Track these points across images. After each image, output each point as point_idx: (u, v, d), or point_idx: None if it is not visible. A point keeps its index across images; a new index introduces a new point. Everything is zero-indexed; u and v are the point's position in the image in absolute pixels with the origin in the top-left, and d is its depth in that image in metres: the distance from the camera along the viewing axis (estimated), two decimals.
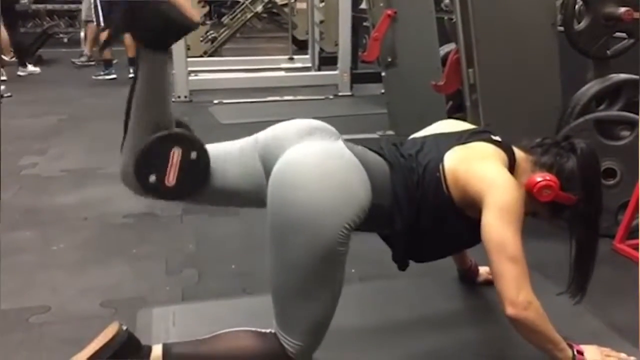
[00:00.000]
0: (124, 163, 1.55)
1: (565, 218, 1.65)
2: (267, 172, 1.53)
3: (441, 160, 1.57)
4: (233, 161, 1.60)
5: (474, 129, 1.74)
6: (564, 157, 1.61)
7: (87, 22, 7.00)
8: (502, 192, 1.47)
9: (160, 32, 1.44)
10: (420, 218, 1.56)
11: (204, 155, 1.54)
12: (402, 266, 1.68)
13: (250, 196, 1.60)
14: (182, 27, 1.45)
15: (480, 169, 1.54)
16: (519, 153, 1.65)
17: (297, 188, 1.43)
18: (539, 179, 1.57)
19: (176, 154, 1.50)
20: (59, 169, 3.51)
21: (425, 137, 1.72)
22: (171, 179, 1.49)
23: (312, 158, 1.49)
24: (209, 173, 1.55)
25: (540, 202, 1.58)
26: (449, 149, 1.60)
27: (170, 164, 1.49)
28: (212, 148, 1.59)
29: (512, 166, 1.61)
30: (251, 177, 1.59)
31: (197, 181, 1.55)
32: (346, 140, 1.62)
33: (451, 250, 1.82)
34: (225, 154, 1.62)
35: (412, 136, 1.78)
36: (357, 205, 1.45)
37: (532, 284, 1.45)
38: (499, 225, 1.44)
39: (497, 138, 1.66)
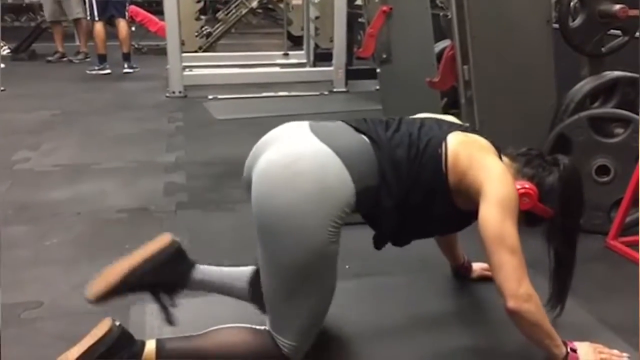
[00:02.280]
0: None
1: (543, 230, 1.64)
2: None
3: (444, 139, 1.56)
4: None
5: (466, 125, 1.74)
6: (546, 170, 1.62)
7: (77, 19, 6.94)
8: (501, 184, 1.48)
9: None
10: (410, 193, 1.53)
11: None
12: (380, 245, 1.66)
13: None
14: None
15: (483, 158, 1.54)
16: (504, 158, 1.64)
17: (272, 197, 1.44)
18: (518, 187, 1.56)
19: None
20: (52, 164, 3.49)
21: (425, 117, 1.71)
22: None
23: (278, 164, 1.48)
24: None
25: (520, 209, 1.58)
26: (452, 131, 1.59)
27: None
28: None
29: None
30: None
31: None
32: (322, 123, 1.60)
33: (430, 232, 1.79)
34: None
35: (408, 117, 1.74)
36: (337, 199, 1.44)
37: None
38: (497, 218, 1.44)
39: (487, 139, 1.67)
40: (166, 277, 1.60)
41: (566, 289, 1.65)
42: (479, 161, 1.52)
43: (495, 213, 1.44)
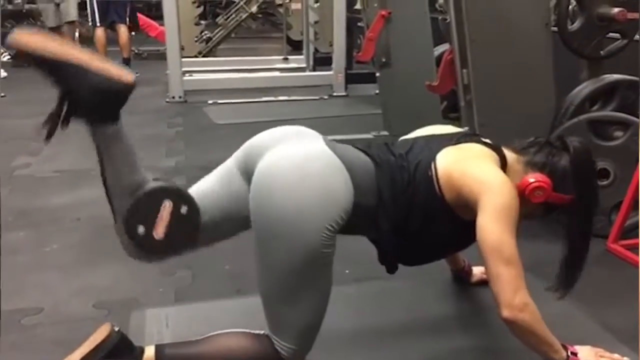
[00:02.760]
0: (118, 233, 1.52)
1: (560, 217, 1.64)
2: (249, 180, 1.53)
3: (433, 159, 1.56)
4: (214, 189, 1.59)
5: (462, 131, 1.74)
6: (556, 156, 1.60)
7: (68, 22, 6.93)
8: (497, 193, 1.46)
9: (100, 107, 1.42)
10: (409, 219, 1.54)
11: (194, 210, 1.48)
12: (391, 269, 1.67)
13: (240, 217, 1.55)
14: (118, 93, 1.43)
15: (476, 169, 1.53)
16: (509, 154, 1.63)
17: (276, 191, 1.43)
18: (531, 180, 1.56)
19: (167, 207, 1.46)
20: (52, 169, 3.49)
21: (416, 138, 1.71)
22: (160, 232, 1.44)
23: (289, 160, 1.47)
24: (199, 230, 1.51)
25: (533, 202, 1.58)
26: (440, 149, 1.59)
27: (160, 216, 1.45)
28: (195, 188, 1.58)
29: (503, 168, 1.59)
30: (237, 198, 1.57)
31: (187, 237, 1.51)
32: (332, 140, 1.61)
33: (441, 254, 1.79)
34: (205, 184, 1.61)
35: (402, 138, 1.77)
36: (338, 206, 1.44)
37: (526, 284, 1.45)
38: (495, 228, 1.43)
39: (487, 140, 1.66)
40: None
41: (578, 273, 1.61)
42: (472, 174, 1.51)
43: (493, 224, 1.43)
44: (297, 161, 1.47)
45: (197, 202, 1.49)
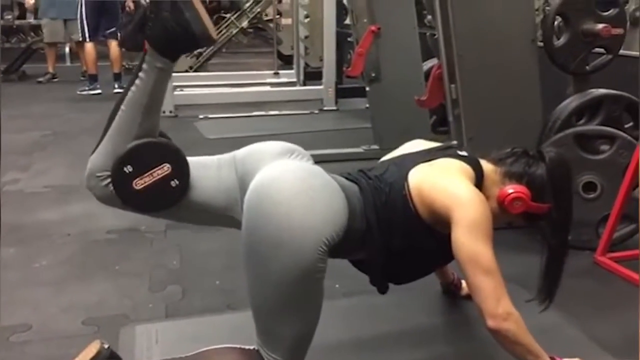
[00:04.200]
0: (94, 165, 1.53)
1: (540, 226, 1.65)
2: (243, 188, 1.53)
3: (405, 179, 1.58)
4: (210, 176, 1.60)
5: (439, 145, 1.75)
6: (533, 166, 1.62)
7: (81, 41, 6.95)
8: (468, 207, 1.48)
9: (176, 40, 1.44)
10: (392, 239, 1.56)
11: (182, 190, 1.53)
12: (382, 289, 1.68)
13: (219, 212, 1.60)
14: (199, 39, 1.46)
15: (445, 185, 1.54)
16: (487, 165, 1.65)
17: (281, 203, 1.42)
18: (509, 191, 1.58)
19: (163, 170, 1.48)
20: (42, 185, 3.48)
21: (391, 159, 1.73)
22: (140, 184, 1.47)
23: (294, 174, 1.49)
24: (172, 205, 1.55)
25: (513, 213, 1.59)
26: (413, 167, 1.60)
27: (151, 171, 1.47)
28: (190, 160, 1.59)
29: (479, 180, 1.61)
30: (225, 193, 1.59)
31: (158, 205, 1.55)
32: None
33: (428, 269, 1.79)
34: (203, 167, 1.62)
35: (380, 160, 1.79)
36: (336, 223, 1.45)
37: (511, 296, 1.46)
38: (469, 241, 1.45)
39: (463, 153, 1.68)
40: None
41: (556, 284, 1.62)
42: (443, 189, 1.53)
43: (467, 236, 1.45)
44: (301, 174, 1.49)
45: (189, 184, 1.52)
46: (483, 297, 1.43)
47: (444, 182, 1.55)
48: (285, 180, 1.47)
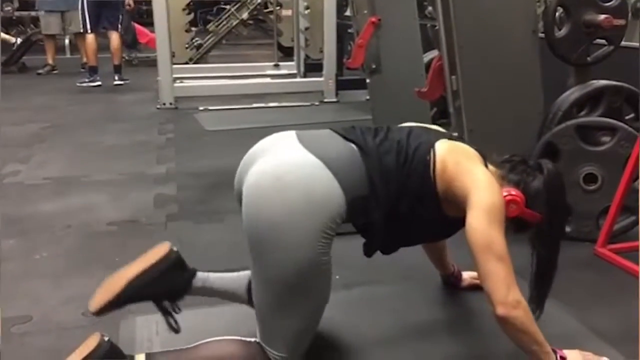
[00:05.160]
0: None
1: (529, 235, 1.65)
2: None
3: (432, 145, 1.57)
4: None
5: (449, 133, 1.75)
6: (530, 175, 1.63)
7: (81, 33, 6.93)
8: (488, 192, 1.48)
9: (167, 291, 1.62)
10: (399, 202, 1.54)
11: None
12: (370, 253, 1.67)
13: None
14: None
15: (468, 166, 1.54)
16: (489, 166, 1.65)
17: (261, 209, 1.44)
18: (505, 194, 1.57)
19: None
20: (42, 176, 3.48)
21: (412, 125, 1.71)
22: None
23: (269, 175, 1.48)
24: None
25: (507, 216, 1.58)
26: (439, 138, 1.60)
27: None
28: None
29: None
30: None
31: None
32: (310, 132, 1.62)
33: (420, 240, 1.80)
34: None
35: (399, 125, 1.74)
36: (327, 211, 1.44)
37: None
38: (484, 225, 1.44)
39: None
40: (166, 287, 1.61)
41: (545, 295, 1.63)
42: (466, 169, 1.53)
43: (483, 221, 1.45)
44: (274, 175, 1.47)
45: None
46: (494, 284, 1.42)
47: (468, 163, 1.55)
48: (262, 185, 1.47)
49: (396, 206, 1.54)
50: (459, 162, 1.54)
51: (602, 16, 2.66)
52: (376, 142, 1.57)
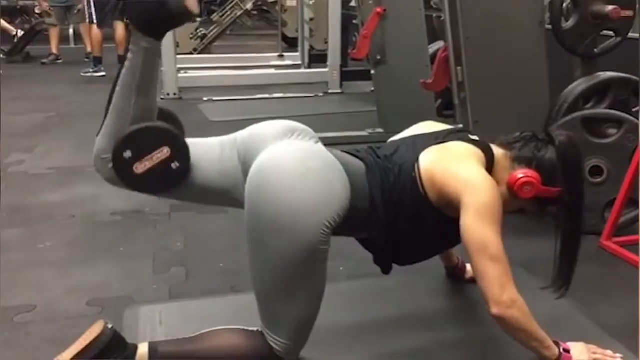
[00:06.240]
0: (99, 148, 1.54)
1: (552, 210, 1.64)
2: (245, 170, 1.52)
3: (416, 160, 1.56)
4: (212, 157, 1.59)
5: (451, 129, 1.73)
6: (542, 150, 1.60)
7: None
8: (479, 192, 1.46)
9: (154, 18, 1.43)
10: (399, 220, 1.55)
11: (183, 172, 1.52)
12: (386, 269, 1.67)
13: (222, 194, 1.59)
14: (177, 14, 1.44)
15: (457, 168, 1.53)
16: (497, 150, 1.64)
17: (279, 186, 1.41)
18: (519, 176, 1.56)
19: (162, 153, 1.48)
20: (46, 166, 3.48)
21: (402, 139, 1.72)
22: (141, 169, 1.48)
23: (293, 156, 1.47)
24: (175, 186, 1.54)
25: (523, 198, 1.58)
26: (424, 149, 1.59)
27: (150, 156, 1.47)
28: (192, 141, 1.58)
29: (490, 165, 1.60)
30: (227, 176, 1.58)
31: (161, 187, 1.55)
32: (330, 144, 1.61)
33: (433, 251, 1.78)
34: (206, 148, 1.61)
35: (390, 139, 1.77)
36: (337, 204, 1.44)
37: (519, 281, 1.46)
38: (478, 226, 1.44)
39: (475, 137, 1.66)
40: None
41: (572, 271, 1.61)
42: (453, 173, 1.51)
43: (476, 223, 1.44)
44: (300, 156, 1.47)
45: (190, 165, 1.52)
46: (488, 284, 1.42)
47: (455, 165, 1.53)
48: (284, 164, 1.45)
49: (396, 224, 1.55)
50: (446, 169, 1.53)
51: (610, 7, 2.64)
52: (375, 161, 1.59)
